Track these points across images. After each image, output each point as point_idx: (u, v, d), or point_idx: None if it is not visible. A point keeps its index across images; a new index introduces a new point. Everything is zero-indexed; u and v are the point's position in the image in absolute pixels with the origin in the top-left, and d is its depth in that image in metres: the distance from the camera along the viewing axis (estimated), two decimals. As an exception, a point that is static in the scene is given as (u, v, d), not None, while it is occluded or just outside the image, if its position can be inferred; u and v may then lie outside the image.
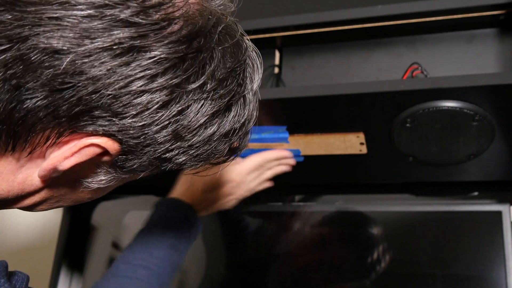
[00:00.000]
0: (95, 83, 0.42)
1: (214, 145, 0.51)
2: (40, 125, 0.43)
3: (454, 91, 0.74)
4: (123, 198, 1.21)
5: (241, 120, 0.52)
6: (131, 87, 0.43)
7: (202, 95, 0.46)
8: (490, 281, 0.91)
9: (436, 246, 0.97)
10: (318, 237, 1.05)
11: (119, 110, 0.44)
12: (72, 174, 0.49)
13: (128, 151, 0.47)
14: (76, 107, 0.43)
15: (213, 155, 0.52)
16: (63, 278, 1.17)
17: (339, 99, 0.79)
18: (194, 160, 0.51)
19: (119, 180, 0.52)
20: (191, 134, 0.48)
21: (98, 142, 0.45)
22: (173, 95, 0.45)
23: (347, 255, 1.03)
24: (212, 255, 1.13)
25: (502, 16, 0.86)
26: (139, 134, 0.46)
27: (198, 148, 0.50)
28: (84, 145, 0.45)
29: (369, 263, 0.99)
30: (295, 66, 1.01)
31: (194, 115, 0.47)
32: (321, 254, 1.04)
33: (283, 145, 0.91)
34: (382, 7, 0.88)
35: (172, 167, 0.51)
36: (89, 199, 0.56)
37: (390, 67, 0.94)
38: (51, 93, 0.42)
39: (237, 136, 0.53)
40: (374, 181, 1.02)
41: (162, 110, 0.45)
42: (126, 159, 0.48)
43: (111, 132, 0.45)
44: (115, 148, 0.46)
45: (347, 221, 1.05)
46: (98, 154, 0.46)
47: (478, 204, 0.96)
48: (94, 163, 0.48)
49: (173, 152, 0.49)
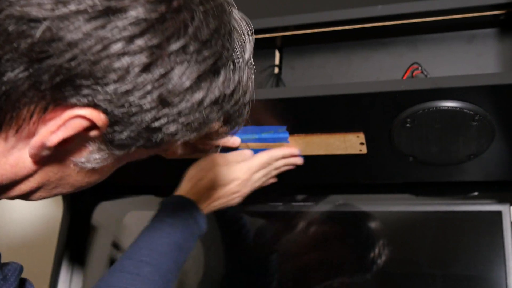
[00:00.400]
0: (72, 49, 0.41)
1: (205, 113, 0.49)
2: (24, 100, 0.43)
3: (454, 91, 0.74)
4: (123, 198, 1.21)
5: (231, 86, 0.50)
6: (109, 50, 0.42)
7: (185, 57, 0.45)
8: (490, 281, 0.91)
9: (436, 246, 0.97)
10: (318, 237, 1.05)
11: (100, 76, 0.43)
12: (64, 154, 0.48)
13: (115, 122, 0.46)
14: (57, 77, 0.42)
15: (205, 124, 0.51)
16: (63, 278, 1.17)
17: (339, 99, 0.79)
18: (186, 130, 0.50)
19: (115, 159, 0.51)
20: (178, 99, 0.46)
21: (83, 113, 0.44)
22: (154, 57, 0.43)
23: (347, 255, 1.03)
24: (212, 255, 1.13)
25: (502, 16, 0.86)
26: (123, 101, 0.44)
27: (188, 116, 0.48)
28: (69, 117, 0.44)
29: (369, 263, 0.99)
30: (295, 66, 1.01)
31: (179, 78, 0.45)
32: (321, 254, 1.04)
33: (283, 145, 0.91)
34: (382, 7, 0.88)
35: (164, 138, 0.49)
36: (88, 183, 0.55)
37: (390, 67, 0.94)
38: (30, 63, 0.41)
39: (229, 105, 0.52)
40: (374, 181, 1.02)
41: (144, 73, 0.44)
42: (114, 131, 0.47)
43: (95, 102, 0.44)
44: (101, 119, 0.45)
45: (347, 221, 1.05)
46: (86, 128, 0.45)
47: (478, 204, 0.96)
48: (84, 139, 0.48)
49: (162, 120, 0.47)
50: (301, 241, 1.06)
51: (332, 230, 1.06)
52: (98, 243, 1.20)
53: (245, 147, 0.93)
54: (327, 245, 1.04)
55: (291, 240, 1.06)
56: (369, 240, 1.01)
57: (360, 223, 1.03)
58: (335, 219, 1.05)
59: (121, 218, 1.18)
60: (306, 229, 1.06)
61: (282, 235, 1.08)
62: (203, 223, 0.85)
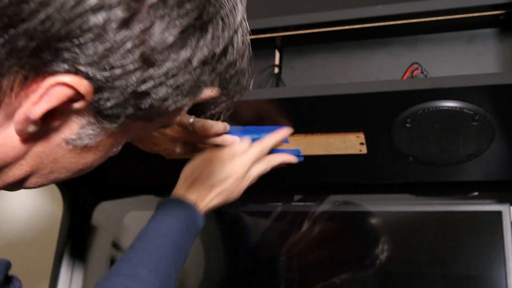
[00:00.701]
0: (45, 8, 0.40)
1: (195, 74, 0.47)
2: (2, 70, 0.42)
3: (454, 91, 0.74)
4: (123, 198, 1.21)
5: (221, 44, 0.48)
6: (83, 6, 0.40)
7: (165, 11, 0.43)
8: (490, 281, 0.91)
9: (436, 246, 0.97)
10: (318, 237, 1.05)
11: (76, 35, 0.41)
12: (52, 130, 0.47)
13: (99, 88, 0.44)
14: (33, 41, 0.41)
15: (197, 87, 0.48)
16: (63, 278, 1.17)
17: (339, 99, 0.79)
18: (177, 94, 0.47)
19: (108, 135, 0.49)
20: (162, 57, 0.44)
21: (65, 80, 0.42)
22: (131, 11, 0.41)
23: (347, 255, 1.03)
24: (213, 255, 1.13)
25: (502, 16, 0.86)
26: (104, 63, 0.43)
27: (176, 77, 0.46)
28: (50, 84, 0.42)
29: (369, 263, 0.99)
30: (295, 66, 1.01)
31: (160, 34, 0.43)
32: (321, 254, 1.04)
33: (283, 145, 0.91)
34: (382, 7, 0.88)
35: (154, 104, 0.47)
36: (85, 166, 0.53)
37: (390, 67, 0.94)
38: (4, 29, 0.40)
39: (222, 66, 0.49)
40: (374, 181, 1.02)
41: (123, 30, 0.42)
42: (100, 99, 0.45)
43: (76, 67, 0.42)
44: (83, 85, 0.43)
45: (347, 221, 1.05)
46: (70, 98, 0.44)
47: (478, 204, 0.96)
48: (71, 113, 0.46)
49: (149, 83, 0.45)
50: (301, 241, 1.06)
51: (332, 230, 1.06)
52: (98, 243, 1.20)
53: (245, 147, 0.93)
54: (327, 245, 1.04)
55: (291, 240, 1.06)
56: (369, 240, 1.01)
57: (360, 223, 1.03)
58: (335, 219, 1.05)
59: (121, 218, 1.18)
60: (306, 229, 1.06)
61: (282, 235, 1.08)
62: (201, 223, 0.85)
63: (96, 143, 0.50)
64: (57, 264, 1.17)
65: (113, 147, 0.53)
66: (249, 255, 1.10)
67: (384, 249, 0.99)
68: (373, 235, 1.01)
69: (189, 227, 0.82)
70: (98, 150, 0.51)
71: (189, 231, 0.82)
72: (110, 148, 0.53)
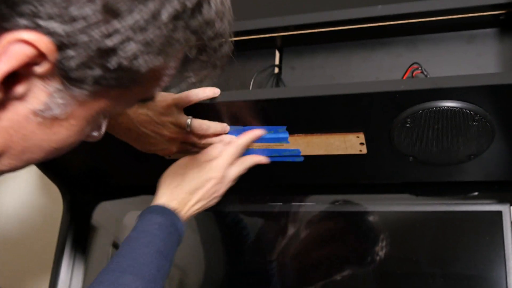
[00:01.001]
0: None
1: (167, 29, 0.44)
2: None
3: (454, 91, 0.74)
4: (123, 198, 1.21)
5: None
6: None
7: None
8: (490, 281, 0.91)
9: (436, 246, 0.97)
10: (318, 237, 1.05)
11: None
12: (18, 99, 0.44)
13: (62, 45, 0.41)
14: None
15: (170, 45, 0.45)
16: (63, 278, 1.17)
17: (339, 99, 0.79)
18: (148, 52, 0.44)
19: (79, 104, 0.46)
20: (126, 7, 0.41)
21: (24, 37, 0.40)
22: None
23: (347, 254, 1.03)
24: (212, 255, 1.13)
25: (502, 16, 0.86)
26: (64, 15, 0.40)
27: (145, 31, 0.42)
28: (8, 41, 0.40)
29: (369, 263, 0.99)
30: (295, 66, 1.01)
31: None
32: (321, 253, 1.04)
33: (283, 145, 0.91)
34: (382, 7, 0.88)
35: (123, 63, 0.43)
36: (58, 144, 0.49)
37: (390, 67, 0.94)
38: None
39: (196, 23, 0.46)
40: (374, 181, 1.02)
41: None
42: (63, 58, 0.42)
43: (35, 21, 0.40)
44: (44, 42, 0.40)
45: (347, 221, 1.05)
46: (32, 59, 0.41)
47: (478, 204, 0.96)
48: (35, 77, 0.43)
49: (114, 38, 0.42)
50: (301, 241, 1.06)
51: (332, 230, 1.06)
52: (98, 243, 1.20)
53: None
54: (327, 245, 1.04)
55: (290, 240, 1.06)
56: (369, 240, 1.01)
57: (360, 223, 1.03)
58: (335, 219, 1.05)
59: (121, 218, 1.18)
60: (306, 229, 1.06)
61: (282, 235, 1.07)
62: (183, 231, 0.83)
63: (66, 114, 0.46)
64: (57, 264, 1.17)
65: (88, 122, 0.50)
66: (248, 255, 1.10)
67: (384, 248, 0.99)
68: (373, 235, 1.01)
69: (172, 235, 0.80)
70: (71, 124, 0.48)
71: (172, 239, 0.80)
72: (84, 123, 0.49)
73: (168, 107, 0.84)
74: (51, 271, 1.18)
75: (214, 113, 0.87)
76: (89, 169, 1.15)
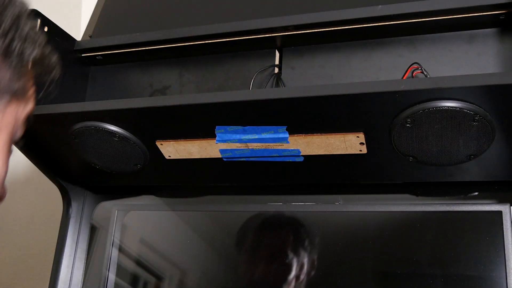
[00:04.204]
0: None
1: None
2: None
3: (454, 91, 0.74)
4: (123, 198, 1.21)
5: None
6: None
7: None
8: (490, 281, 0.91)
9: (436, 246, 0.97)
10: (317, 237, 1.05)
11: None
12: None
13: None
14: None
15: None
16: (63, 278, 1.17)
17: (339, 99, 0.79)
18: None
19: None
20: None
21: None
22: None
23: (347, 255, 1.03)
24: (212, 255, 1.13)
25: (503, 16, 0.86)
26: None
27: None
28: None
29: (369, 263, 0.99)
30: (295, 66, 1.01)
31: None
32: (320, 254, 1.04)
33: (283, 145, 0.91)
34: (382, 7, 0.88)
35: None
36: None
37: (390, 67, 0.94)
38: None
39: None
40: (374, 181, 1.02)
41: None
42: None
43: None
44: None
45: (347, 221, 1.05)
46: None
47: (478, 204, 0.96)
48: None
49: None
50: (301, 241, 1.06)
51: (332, 230, 1.05)
52: (98, 243, 1.20)
53: (244, 147, 0.93)
54: (327, 245, 1.04)
55: (290, 240, 1.06)
56: (369, 240, 1.01)
57: (360, 223, 1.03)
58: (335, 219, 1.05)
59: (121, 218, 1.18)
60: (306, 229, 1.06)
61: (281, 235, 1.07)
62: None
63: None
64: (57, 264, 1.17)
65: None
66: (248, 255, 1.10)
67: (384, 249, 0.99)
68: (373, 235, 1.01)
69: None
70: None
71: None
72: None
73: None
74: (51, 271, 1.18)
75: (214, 114, 0.87)
76: (89, 169, 1.15)
